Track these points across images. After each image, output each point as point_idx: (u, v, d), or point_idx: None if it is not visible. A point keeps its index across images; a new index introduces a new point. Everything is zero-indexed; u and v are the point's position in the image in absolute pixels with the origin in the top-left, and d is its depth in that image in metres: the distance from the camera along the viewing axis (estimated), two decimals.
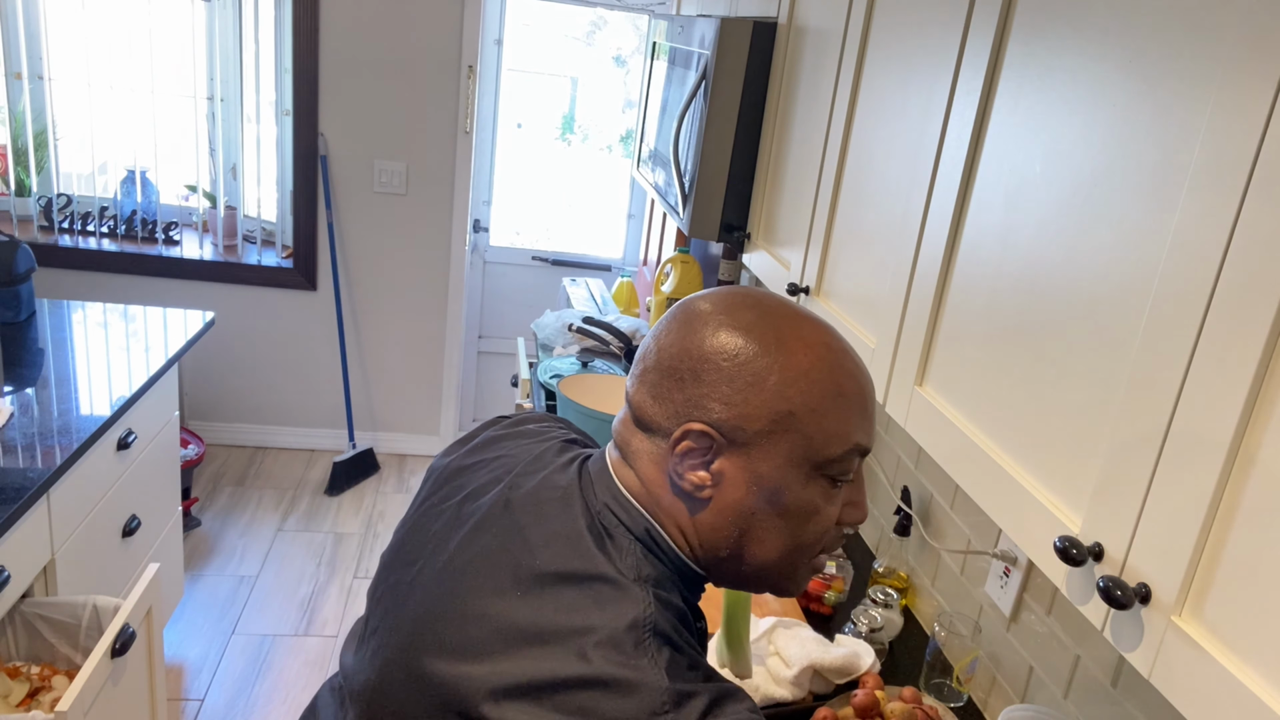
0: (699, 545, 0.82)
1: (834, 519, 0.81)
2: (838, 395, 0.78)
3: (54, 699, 1.79)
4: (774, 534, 0.80)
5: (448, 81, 3.64)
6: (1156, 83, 0.79)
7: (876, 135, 1.36)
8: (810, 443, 0.77)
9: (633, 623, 0.73)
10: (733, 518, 0.80)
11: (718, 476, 0.78)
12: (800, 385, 0.77)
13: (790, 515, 0.79)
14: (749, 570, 0.83)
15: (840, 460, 0.78)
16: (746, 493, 0.79)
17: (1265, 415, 0.67)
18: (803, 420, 0.77)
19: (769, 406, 0.76)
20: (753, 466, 0.78)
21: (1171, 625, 0.73)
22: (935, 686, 1.52)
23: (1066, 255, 0.90)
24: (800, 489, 0.78)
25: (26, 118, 3.58)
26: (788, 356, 0.77)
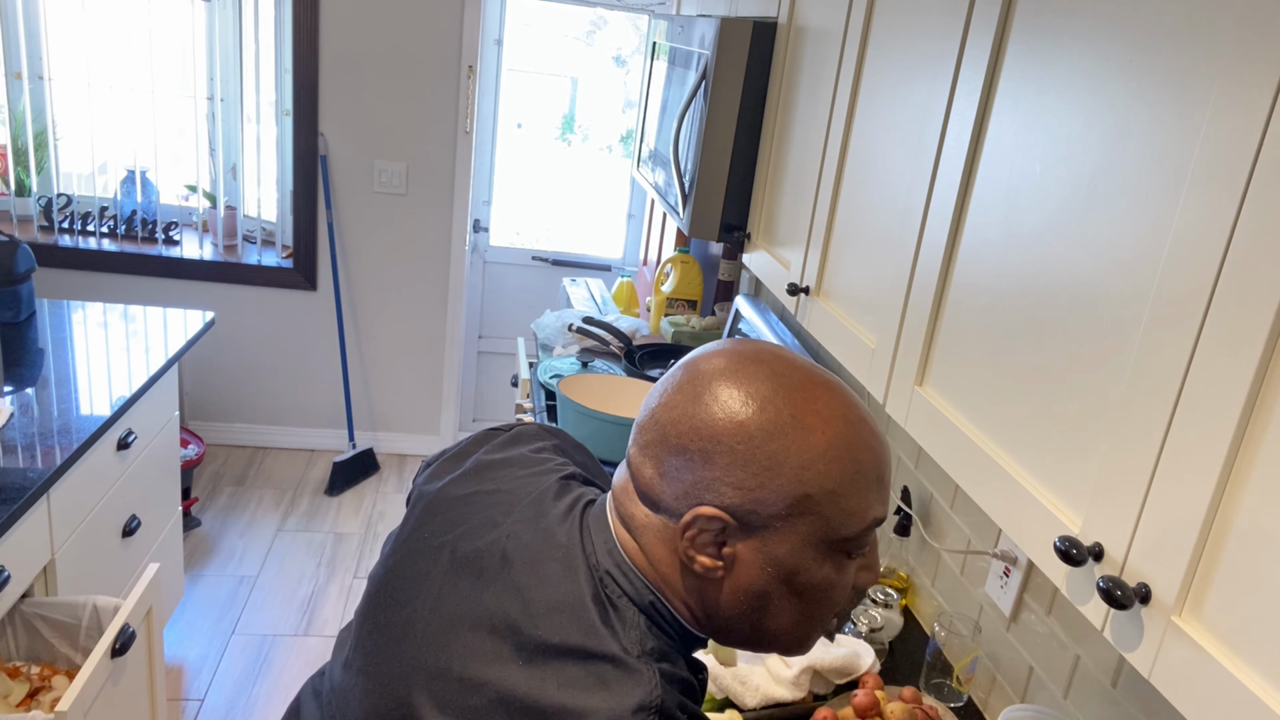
0: (706, 619, 0.81)
1: (850, 587, 0.80)
2: (856, 474, 0.75)
3: (54, 699, 1.79)
4: (790, 610, 0.79)
5: (448, 81, 3.64)
6: (1156, 82, 0.79)
7: (876, 135, 1.36)
8: (828, 524, 0.75)
9: (639, 705, 0.71)
10: (746, 598, 0.78)
11: (730, 560, 0.76)
12: (818, 467, 0.74)
13: (807, 594, 0.78)
14: (761, 638, 0.81)
15: (858, 537, 0.77)
16: (760, 574, 0.76)
17: (1265, 415, 0.67)
18: (820, 502, 0.74)
19: (785, 491, 0.73)
20: (767, 549, 0.75)
21: (1171, 625, 0.73)
22: (935, 686, 1.52)
23: (1067, 255, 0.90)
24: (818, 569, 0.77)
25: (26, 118, 3.58)
26: (805, 436, 0.74)
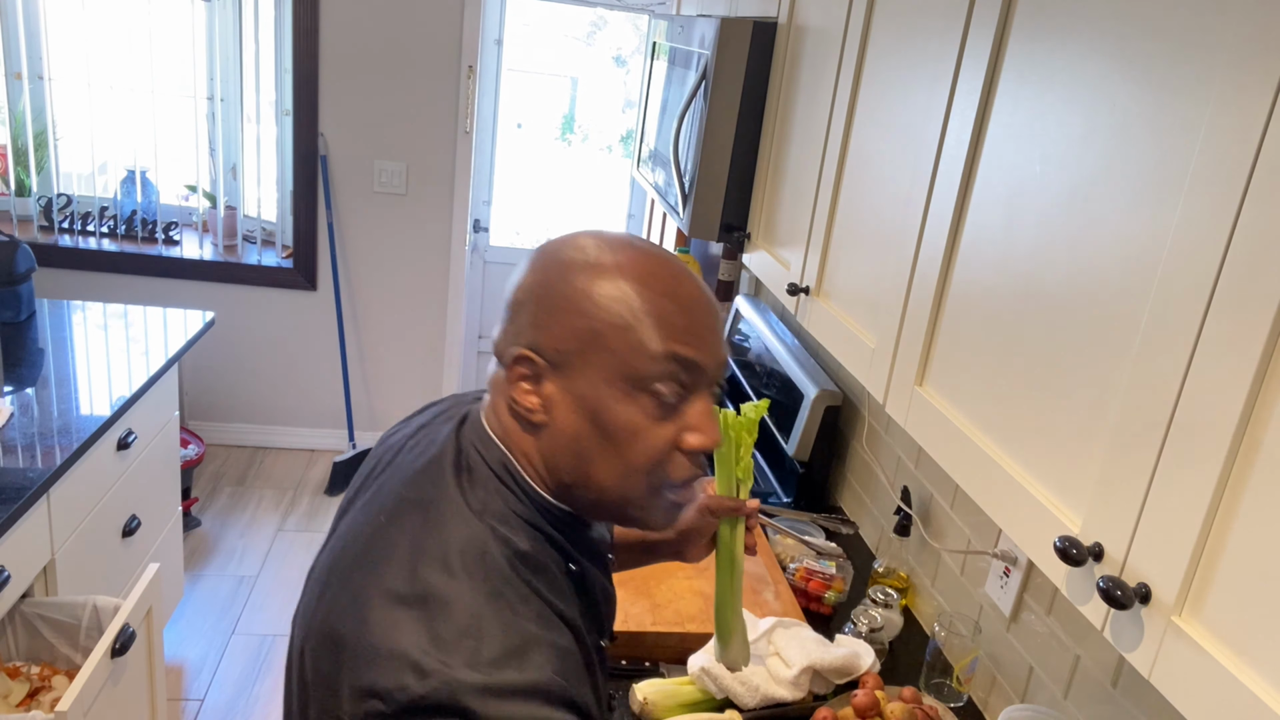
0: (547, 475, 0.84)
1: (667, 440, 0.80)
2: (648, 311, 0.78)
3: (54, 699, 1.79)
4: (606, 458, 0.80)
5: (448, 81, 3.64)
6: (1156, 82, 0.79)
7: (876, 135, 1.36)
8: (622, 359, 0.77)
9: (464, 546, 0.76)
10: (566, 443, 0.81)
11: (548, 401, 0.80)
12: (604, 302, 0.77)
13: (615, 436, 0.79)
14: (598, 498, 0.83)
15: (657, 375, 0.78)
16: (573, 414, 0.79)
17: (1265, 415, 0.67)
18: (609, 337, 0.77)
19: (577, 326, 0.77)
20: (574, 388, 0.79)
21: (1171, 625, 0.73)
22: (935, 686, 1.52)
23: (1066, 255, 0.90)
24: (621, 408, 0.78)
25: (26, 118, 3.58)
26: (598, 275, 0.78)
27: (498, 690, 0.70)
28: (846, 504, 2.12)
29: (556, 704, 0.73)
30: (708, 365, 0.80)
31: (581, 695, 0.75)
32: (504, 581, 0.76)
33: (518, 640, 0.73)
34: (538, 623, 0.76)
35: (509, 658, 0.72)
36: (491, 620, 0.73)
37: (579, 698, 0.75)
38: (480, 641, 0.72)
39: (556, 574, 0.82)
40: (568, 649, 0.77)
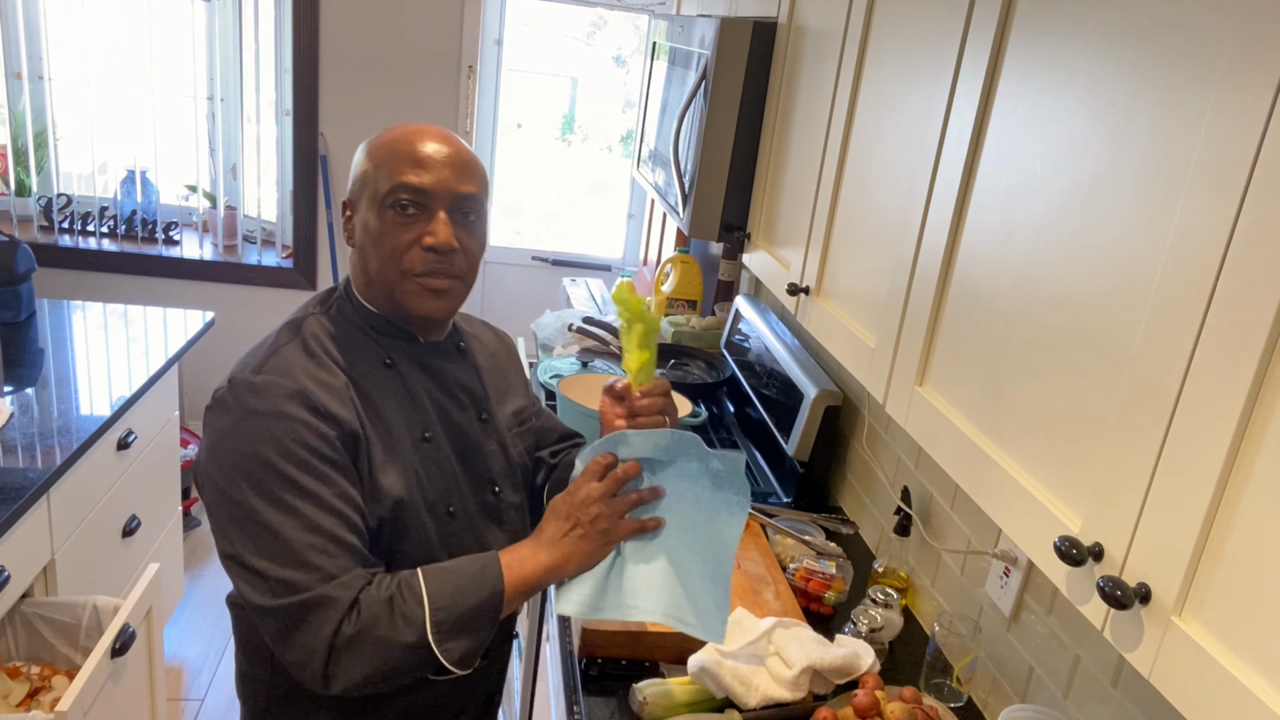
0: (363, 285, 1.19)
1: (410, 241, 1.13)
2: (389, 154, 1.13)
3: (54, 699, 1.79)
4: (374, 255, 1.14)
5: (448, 81, 3.64)
6: (1156, 83, 0.79)
7: (876, 135, 1.36)
8: (374, 187, 1.13)
9: (291, 321, 1.19)
10: (360, 252, 1.17)
11: (353, 228, 1.18)
12: (367, 156, 1.15)
13: (375, 239, 1.14)
14: (378, 288, 1.16)
15: (392, 193, 1.12)
16: (362, 232, 1.16)
17: (1265, 415, 0.67)
18: (369, 176, 1.14)
19: (356, 173, 1.17)
20: (359, 216, 1.16)
21: (1171, 625, 0.73)
22: (935, 686, 1.52)
23: (1066, 255, 0.90)
24: (377, 220, 1.13)
25: (26, 118, 3.58)
26: (371, 144, 1.16)
27: (252, 382, 1.09)
28: (846, 504, 2.12)
29: (295, 399, 1.08)
30: (435, 189, 1.12)
31: (343, 415, 1.10)
32: (303, 342, 1.14)
33: (285, 368, 1.10)
34: (314, 364, 1.12)
35: (273, 371, 1.10)
36: (279, 356, 1.12)
37: (325, 407, 1.09)
38: (262, 359, 1.12)
39: (370, 361, 1.17)
40: (336, 386, 1.12)
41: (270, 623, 1.06)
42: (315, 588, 1.04)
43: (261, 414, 1.06)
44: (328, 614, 1.03)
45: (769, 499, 2.11)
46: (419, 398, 1.20)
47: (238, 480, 1.06)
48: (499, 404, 1.33)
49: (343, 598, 1.04)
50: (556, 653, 1.57)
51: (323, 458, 1.07)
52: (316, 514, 1.05)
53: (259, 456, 1.05)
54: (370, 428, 1.13)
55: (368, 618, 1.04)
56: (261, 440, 1.06)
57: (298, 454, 1.06)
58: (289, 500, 1.05)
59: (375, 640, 1.04)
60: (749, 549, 1.76)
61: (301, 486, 1.06)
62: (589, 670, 1.45)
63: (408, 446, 1.17)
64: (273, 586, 1.04)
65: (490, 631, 1.12)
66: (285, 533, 1.04)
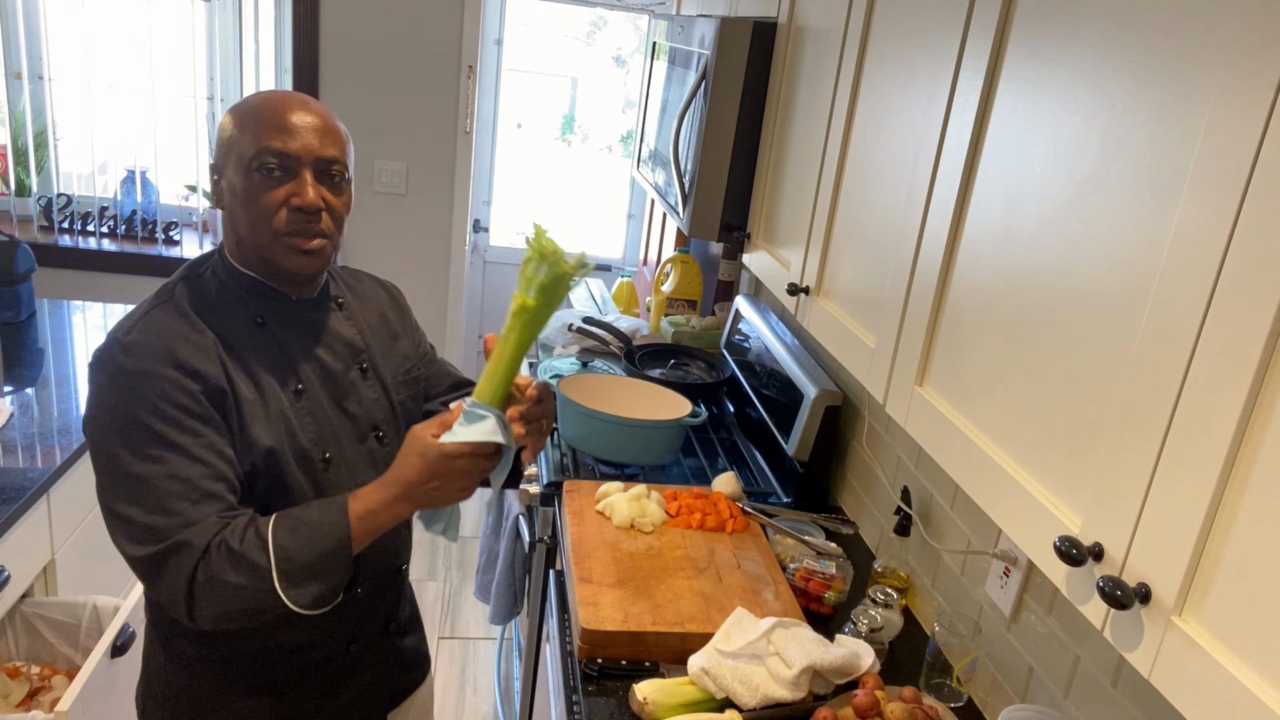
0: (235, 246, 1.25)
1: (279, 200, 1.19)
2: (254, 120, 1.19)
3: (54, 699, 1.79)
4: (245, 217, 1.21)
5: (448, 81, 3.64)
6: (1156, 83, 0.79)
7: (876, 135, 1.36)
8: (240, 152, 1.19)
9: (163, 285, 1.25)
10: (230, 215, 1.23)
11: (221, 193, 1.24)
12: (232, 121, 1.21)
13: (245, 201, 1.20)
14: (250, 248, 1.23)
15: (258, 157, 1.18)
16: (229, 194, 1.22)
17: (1265, 415, 0.67)
18: (235, 141, 1.20)
19: (220, 141, 1.23)
20: (228, 178, 1.22)
21: (1171, 625, 0.73)
22: (935, 686, 1.52)
23: (1066, 255, 0.90)
24: (245, 182, 1.19)
25: (26, 118, 3.58)
26: (235, 110, 1.22)
27: (123, 342, 1.16)
28: (846, 504, 2.12)
29: (161, 357, 1.15)
30: (298, 152, 1.19)
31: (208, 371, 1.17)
32: (175, 304, 1.21)
33: (155, 328, 1.17)
34: (184, 324, 1.19)
35: (143, 332, 1.17)
36: (149, 318, 1.19)
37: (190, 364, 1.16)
38: (134, 321, 1.19)
39: (241, 320, 1.24)
40: (203, 344, 1.18)
41: (139, 567, 1.14)
42: (176, 534, 1.11)
43: (130, 372, 1.14)
44: (184, 558, 1.11)
45: (769, 499, 2.11)
46: (291, 352, 1.27)
47: (109, 434, 1.13)
48: (384, 355, 1.40)
49: (197, 543, 1.11)
50: (556, 653, 1.57)
51: (188, 412, 1.14)
52: (180, 464, 1.13)
53: (128, 412, 1.13)
54: (239, 382, 1.20)
55: (217, 563, 1.11)
56: (131, 397, 1.13)
57: (163, 409, 1.13)
58: (155, 452, 1.12)
59: (225, 585, 1.11)
60: (749, 549, 1.77)
61: (167, 439, 1.13)
62: (589, 670, 1.45)
63: (279, 399, 1.24)
64: (139, 532, 1.12)
65: (343, 574, 1.17)
66: (152, 482, 1.12)
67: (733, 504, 1.89)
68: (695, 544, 1.76)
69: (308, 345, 1.29)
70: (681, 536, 1.78)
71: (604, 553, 1.69)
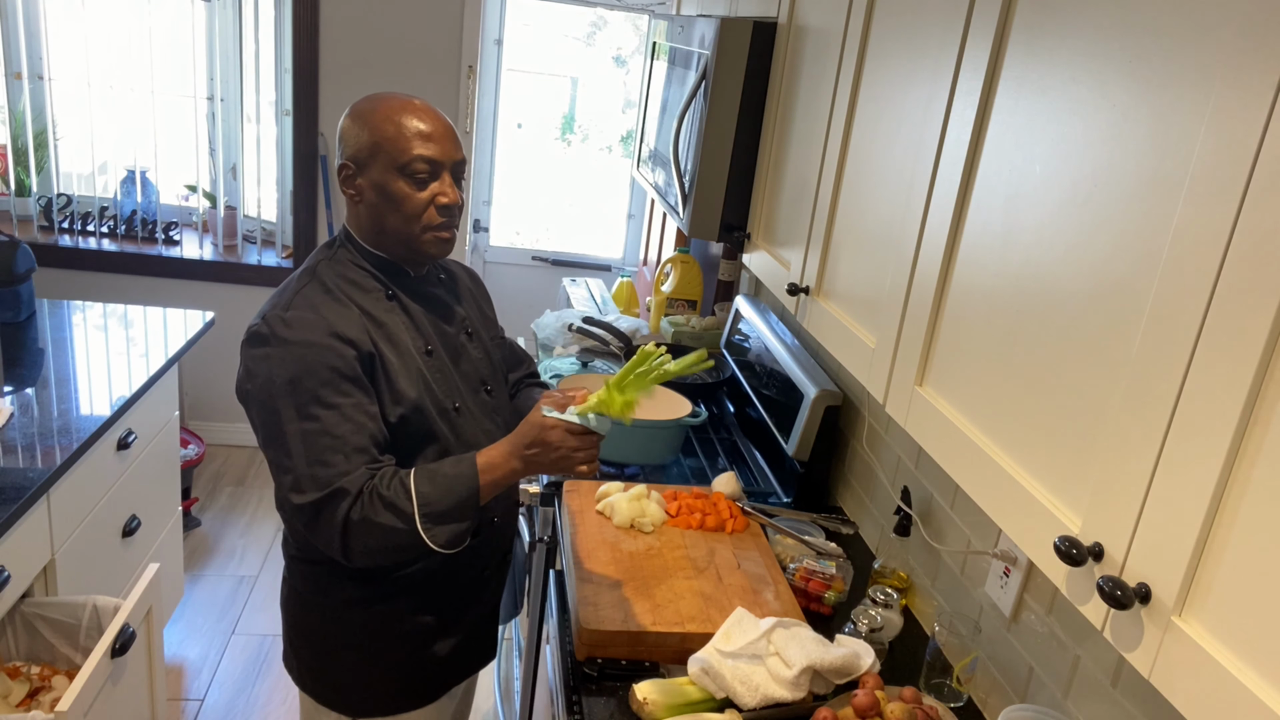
0: (370, 233, 1.43)
1: (425, 200, 1.38)
2: (398, 128, 1.35)
3: (54, 699, 1.79)
4: (394, 213, 1.39)
5: (448, 81, 3.64)
6: (1156, 83, 0.79)
7: (876, 135, 1.36)
8: (391, 156, 1.36)
9: (306, 266, 1.43)
10: (372, 210, 1.40)
11: (360, 189, 1.39)
12: (372, 125, 1.36)
13: (395, 200, 1.38)
14: (395, 239, 1.41)
15: (410, 164, 1.35)
16: (374, 193, 1.38)
17: (1265, 415, 0.67)
18: (383, 145, 1.35)
19: (362, 140, 1.37)
20: (371, 179, 1.38)
21: (1171, 625, 0.73)
22: (935, 686, 1.52)
23: (1066, 255, 0.90)
24: (395, 185, 1.37)
25: (26, 118, 3.58)
26: (371, 114, 1.37)
27: (283, 317, 1.33)
28: (846, 504, 2.12)
29: (318, 329, 1.32)
30: (441, 158, 1.38)
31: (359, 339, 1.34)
32: (320, 283, 1.39)
33: (309, 305, 1.35)
34: (332, 300, 1.37)
35: (300, 307, 1.34)
36: (301, 296, 1.36)
37: (344, 334, 1.33)
38: (289, 300, 1.36)
39: (377, 294, 1.42)
40: (351, 316, 1.36)
41: (301, 514, 1.31)
42: (334, 482, 1.28)
43: (293, 342, 1.31)
44: (340, 502, 1.29)
45: (769, 499, 2.11)
46: (419, 320, 1.47)
47: (275, 397, 1.31)
48: (480, 322, 1.63)
49: (350, 489, 1.29)
50: (556, 653, 1.57)
51: (342, 375, 1.32)
52: (336, 421, 1.30)
53: (291, 377, 1.30)
54: (383, 346, 1.38)
55: (370, 506, 1.29)
56: (294, 363, 1.31)
57: (321, 374, 1.31)
58: (314, 410, 1.30)
59: (375, 526, 1.29)
60: (749, 549, 1.77)
61: (325, 400, 1.30)
62: (589, 670, 1.45)
63: (415, 360, 1.43)
64: (300, 481, 1.30)
65: (472, 518, 1.36)
66: (311, 438, 1.30)
67: (733, 504, 1.89)
68: (695, 544, 1.76)
69: (429, 314, 1.49)
70: (681, 536, 1.78)
71: (604, 553, 1.69)
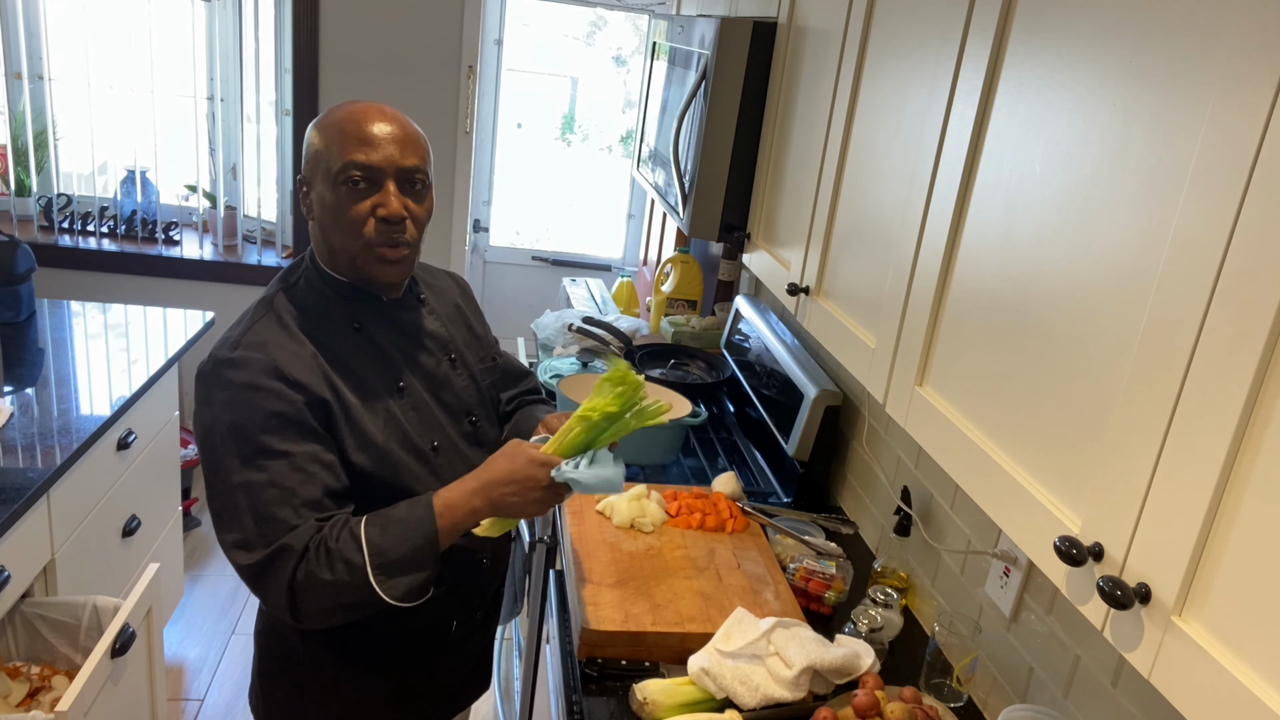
0: (326, 253, 1.31)
1: (365, 212, 1.25)
2: (338, 134, 1.24)
3: (54, 699, 1.79)
4: (336, 227, 1.27)
5: (448, 81, 3.64)
6: (1156, 83, 0.79)
7: (876, 135, 1.36)
8: (328, 165, 1.24)
9: (263, 297, 1.31)
10: (320, 225, 1.29)
11: (310, 204, 1.29)
12: (318, 135, 1.26)
13: (335, 213, 1.26)
14: (342, 256, 1.29)
15: (344, 170, 1.23)
16: (319, 206, 1.28)
17: (1265, 415, 0.67)
18: (323, 154, 1.25)
19: (309, 152, 1.27)
20: (317, 190, 1.27)
21: (1171, 625, 0.73)
22: (935, 686, 1.52)
23: (1066, 255, 0.90)
24: (333, 195, 1.25)
25: (26, 118, 3.58)
26: (321, 123, 1.27)
27: (229, 357, 1.22)
28: (846, 504, 2.12)
29: (266, 371, 1.20)
30: (380, 163, 1.24)
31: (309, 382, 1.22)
32: (276, 316, 1.27)
33: (258, 343, 1.23)
34: (286, 336, 1.25)
35: (248, 346, 1.23)
36: (252, 332, 1.25)
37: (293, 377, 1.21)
38: (239, 335, 1.25)
39: (339, 327, 1.30)
40: (304, 355, 1.24)
41: (247, 574, 1.21)
42: (278, 539, 1.18)
43: (237, 385, 1.20)
44: (285, 561, 1.18)
45: (769, 499, 2.11)
46: (389, 353, 1.35)
47: (218, 445, 1.20)
48: (466, 345, 1.50)
49: (295, 546, 1.18)
50: (556, 653, 1.57)
51: (290, 422, 1.21)
52: (283, 472, 1.19)
53: (235, 423, 1.19)
54: (342, 388, 1.27)
55: (315, 562, 1.18)
56: (238, 409, 1.20)
57: (267, 421, 1.19)
58: (260, 461, 1.19)
59: (324, 583, 1.18)
60: (749, 549, 1.77)
61: (271, 449, 1.19)
62: (589, 670, 1.45)
63: (383, 401, 1.32)
64: (247, 539, 1.19)
65: (433, 566, 1.23)
66: (256, 490, 1.19)
67: (733, 504, 1.89)
68: (695, 544, 1.76)
69: (403, 344, 1.37)
70: (681, 536, 1.78)
71: (604, 553, 1.69)
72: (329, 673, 1.41)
